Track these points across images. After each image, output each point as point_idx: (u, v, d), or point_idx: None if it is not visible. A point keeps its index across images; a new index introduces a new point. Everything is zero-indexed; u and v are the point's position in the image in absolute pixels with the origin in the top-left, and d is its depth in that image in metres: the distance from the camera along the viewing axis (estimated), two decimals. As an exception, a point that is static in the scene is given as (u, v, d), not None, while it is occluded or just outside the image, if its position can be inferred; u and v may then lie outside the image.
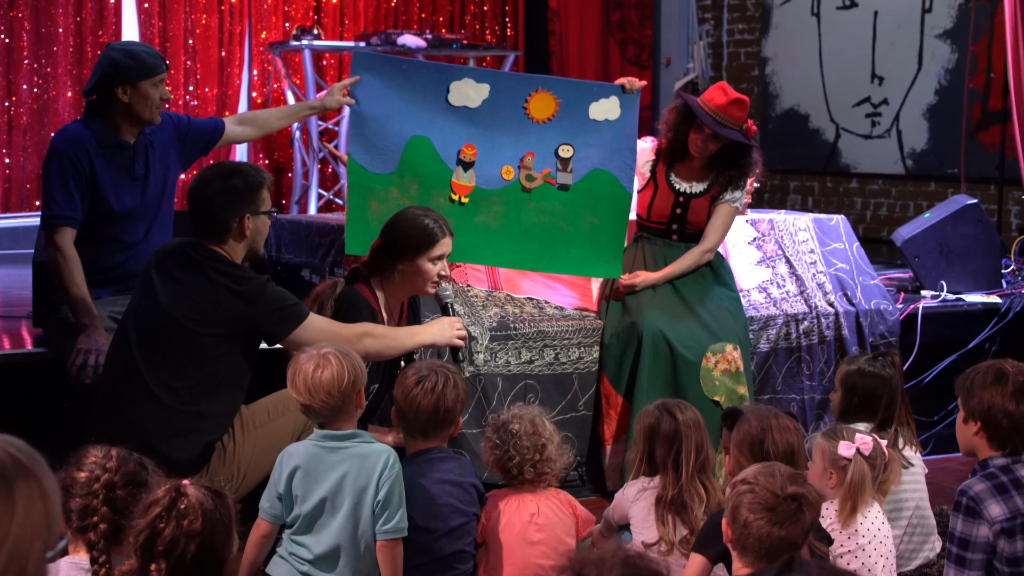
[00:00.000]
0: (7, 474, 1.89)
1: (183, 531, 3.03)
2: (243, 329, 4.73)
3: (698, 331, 6.06)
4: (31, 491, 1.90)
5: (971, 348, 7.18)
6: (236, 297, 4.69)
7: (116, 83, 5.47)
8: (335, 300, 5.15)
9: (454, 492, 4.61)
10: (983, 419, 4.25)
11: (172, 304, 4.70)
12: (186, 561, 3.02)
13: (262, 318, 4.73)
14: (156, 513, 3.06)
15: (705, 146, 6.11)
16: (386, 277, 5.29)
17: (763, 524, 3.46)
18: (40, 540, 1.89)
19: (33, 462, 1.94)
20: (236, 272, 4.73)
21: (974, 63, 9.74)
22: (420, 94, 6.00)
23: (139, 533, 3.06)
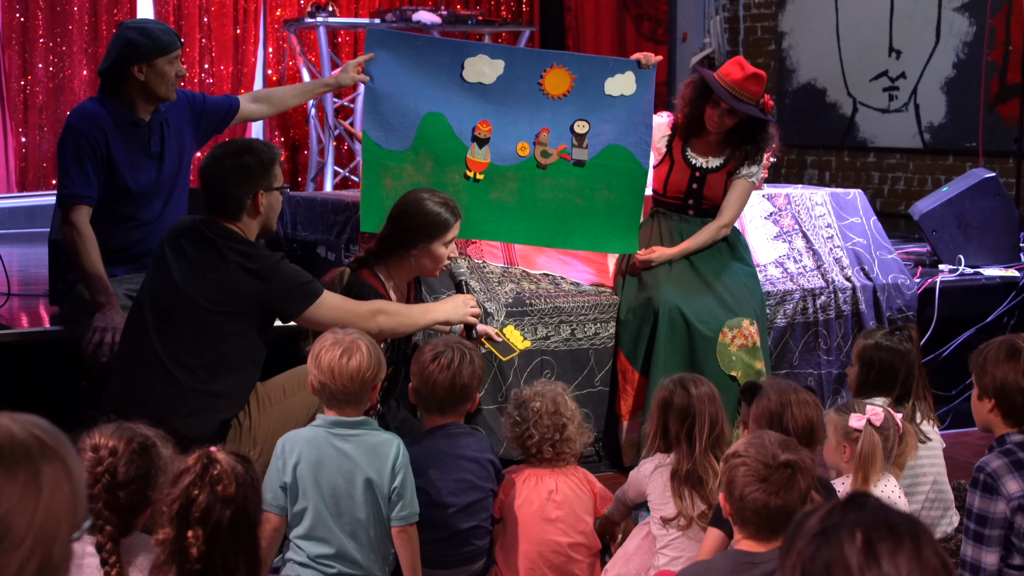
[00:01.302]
0: (32, 456, 1.88)
1: (218, 497, 3.04)
2: (257, 307, 4.73)
3: (715, 306, 6.07)
4: (57, 473, 1.89)
5: (989, 322, 7.18)
6: (250, 275, 4.69)
7: (131, 61, 5.48)
8: (342, 290, 5.15)
9: (471, 468, 4.63)
10: (997, 396, 4.25)
11: (186, 282, 4.70)
12: (222, 526, 3.03)
13: (276, 296, 4.73)
14: (189, 481, 3.06)
15: (721, 121, 6.11)
16: (395, 262, 5.30)
17: (758, 495, 3.47)
18: (66, 523, 1.89)
19: (58, 443, 1.94)
20: (250, 250, 4.73)
21: (992, 36, 9.71)
22: (434, 71, 6.00)
23: (172, 502, 3.07)
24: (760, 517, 3.47)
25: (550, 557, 4.62)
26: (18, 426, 1.90)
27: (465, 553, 4.60)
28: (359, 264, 5.31)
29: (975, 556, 4.19)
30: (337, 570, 4.32)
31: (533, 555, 4.62)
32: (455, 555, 4.55)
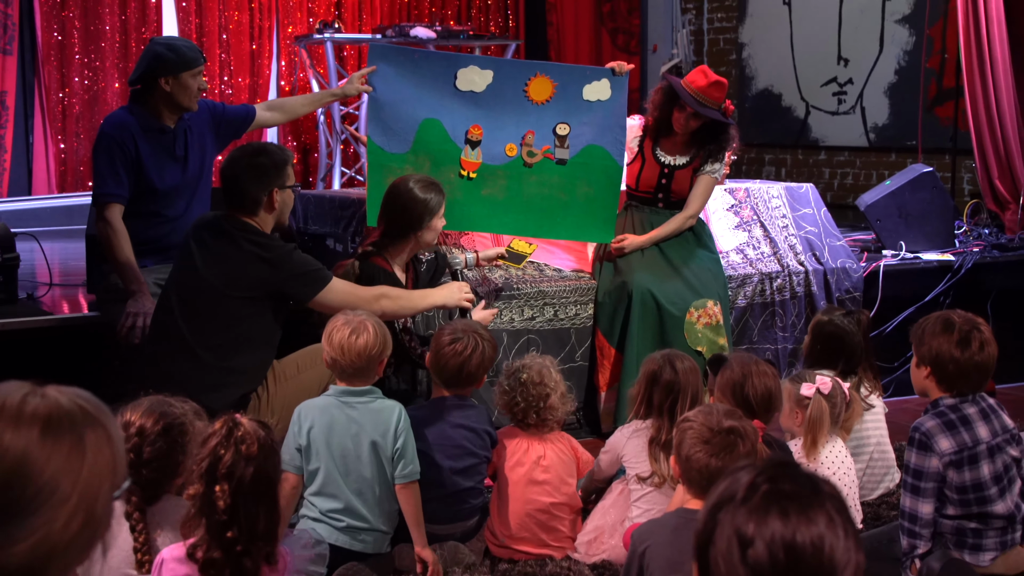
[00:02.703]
0: (77, 423, 1.89)
1: (241, 455, 3.09)
2: (272, 292, 4.75)
3: (682, 289, 6.09)
4: (99, 438, 1.90)
5: (927, 301, 7.18)
6: (265, 263, 4.71)
7: (159, 74, 5.49)
8: (356, 279, 5.18)
9: (468, 436, 4.67)
10: (932, 364, 4.28)
11: (208, 271, 4.72)
12: (245, 482, 3.08)
13: (289, 282, 4.75)
14: (216, 442, 3.12)
15: (687, 123, 6.13)
16: (400, 245, 5.33)
17: (702, 456, 3.49)
18: (107, 483, 1.90)
19: (99, 411, 1.95)
20: (265, 241, 4.75)
21: (930, 45, 9.71)
22: (430, 81, 6.02)
23: (201, 461, 3.12)
24: (703, 476, 3.49)
25: (536, 515, 4.65)
26: (64, 397, 1.92)
27: (462, 510, 4.64)
28: (368, 255, 5.33)
29: (912, 507, 4.23)
30: (346, 523, 4.36)
31: (521, 513, 4.66)
32: (453, 512, 4.59)
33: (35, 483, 1.82)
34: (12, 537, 1.79)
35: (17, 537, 1.79)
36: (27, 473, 1.82)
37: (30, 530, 1.80)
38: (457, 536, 4.61)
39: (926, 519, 4.22)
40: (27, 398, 1.88)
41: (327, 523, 4.36)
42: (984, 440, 4.23)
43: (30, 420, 1.85)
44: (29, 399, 1.88)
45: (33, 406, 1.87)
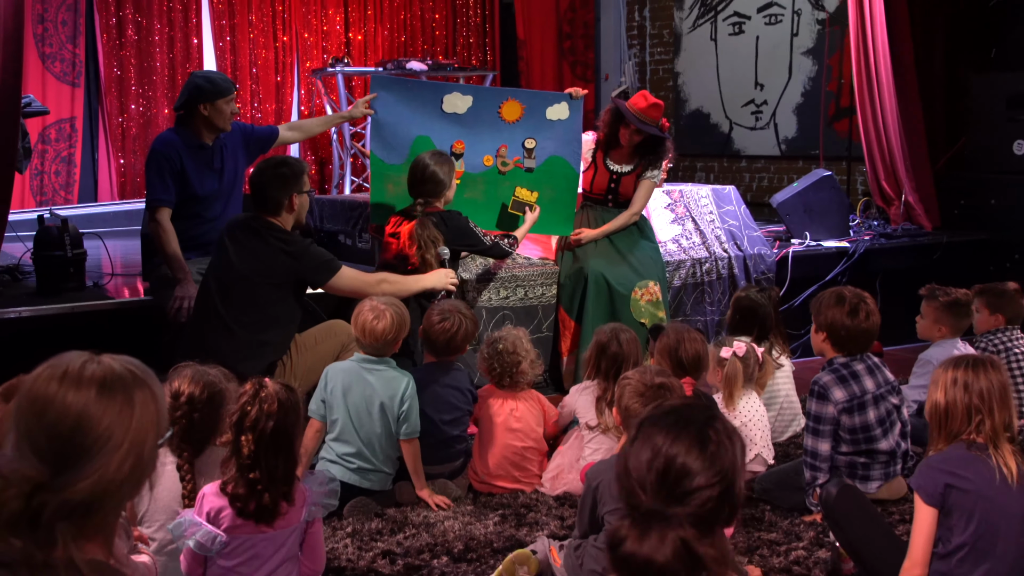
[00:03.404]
0: (127, 384, 1.91)
1: (263, 412, 3.10)
2: (293, 279, 4.77)
3: (628, 272, 6.09)
4: (145, 396, 1.92)
5: (827, 280, 7.22)
6: (289, 256, 4.73)
7: (199, 101, 5.48)
8: (430, 227, 5.28)
9: (454, 394, 4.69)
10: (828, 331, 4.33)
11: (240, 263, 4.73)
12: (266, 434, 3.09)
13: (308, 270, 4.78)
14: (244, 400, 3.14)
15: (631, 138, 6.13)
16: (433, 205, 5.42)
17: (637, 407, 3.53)
18: (152, 432, 1.92)
19: (146, 374, 1.96)
20: (288, 237, 4.77)
21: (829, 73, 9.73)
22: (421, 105, 6.01)
23: (232, 415, 3.14)
24: None
25: (510, 457, 4.68)
26: (117, 363, 1.93)
27: (449, 454, 4.66)
28: (423, 217, 5.38)
29: (813, 446, 4.27)
30: (356, 465, 4.39)
31: (499, 456, 4.68)
32: (442, 455, 4.61)
33: (93, 433, 1.83)
34: (77, 477, 1.81)
35: (80, 476, 1.81)
36: (86, 425, 1.83)
37: (91, 470, 1.82)
38: (446, 475, 4.62)
39: (824, 455, 4.28)
40: (86, 364, 1.89)
41: (341, 464, 4.39)
42: (870, 391, 4.28)
43: (88, 382, 1.86)
44: (88, 365, 1.89)
45: (91, 371, 1.88)
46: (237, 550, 3.11)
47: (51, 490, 1.78)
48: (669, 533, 1.93)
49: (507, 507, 4.46)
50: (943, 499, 3.15)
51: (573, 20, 11.94)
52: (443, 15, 11.44)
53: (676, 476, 2.01)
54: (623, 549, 1.95)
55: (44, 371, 1.88)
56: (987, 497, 3.11)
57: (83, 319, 5.45)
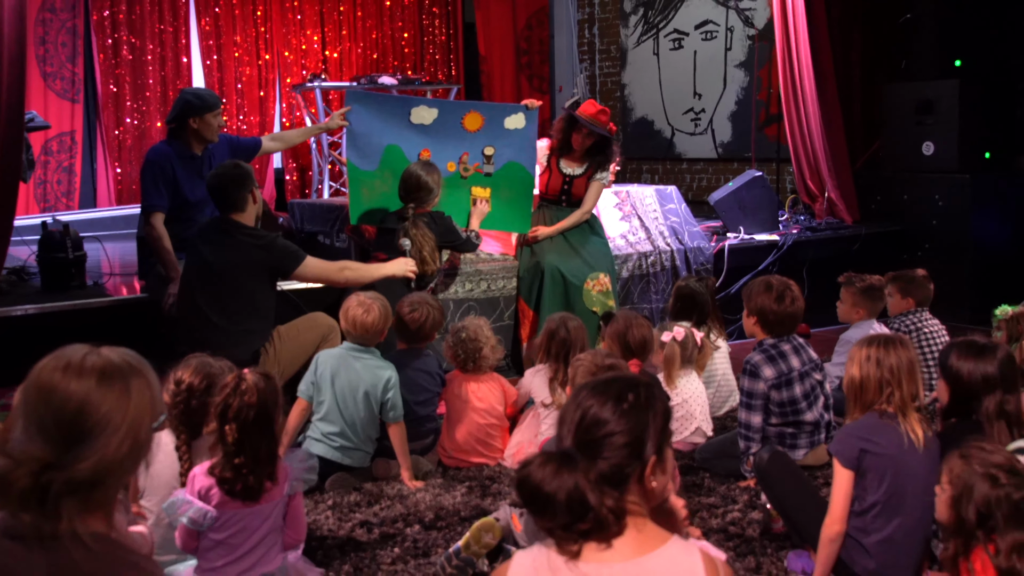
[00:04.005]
0: (125, 373, 1.91)
1: (244, 403, 3.09)
2: (266, 269, 4.78)
3: (581, 265, 6.12)
4: (141, 384, 1.93)
5: (760, 270, 7.25)
6: (259, 249, 4.74)
7: (189, 115, 5.47)
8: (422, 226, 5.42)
9: (425, 377, 4.71)
10: (757, 315, 4.37)
11: (217, 261, 4.73)
12: (249, 423, 3.08)
13: (278, 260, 4.79)
14: (227, 392, 3.12)
15: (583, 141, 6.16)
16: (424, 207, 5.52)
17: None
18: (148, 416, 1.93)
19: (141, 364, 1.97)
20: (256, 232, 4.80)
21: (759, 83, 9.81)
22: (391, 117, 6.01)
23: (216, 406, 3.13)
24: None
25: (475, 434, 4.70)
26: (115, 354, 1.94)
27: (420, 432, 4.68)
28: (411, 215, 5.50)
29: (746, 419, 4.32)
30: (339, 444, 4.39)
31: (465, 432, 4.70)
32: (415, 431, 4.62)
33: (94, 417, 1.84)
34: (79, 456, 1.82)
35: (83, 456, 1.82)
36: (88, 411, 1.84)
37: (92, 451, 1.83)
38: (417, 451, 4.64)
39: (757, 427, 4.32)
40: (87, 356, 1.91)
41: (325, 443, 4.39)
42: (796, 368, 4.33)
43: (89, 372, 1.88)
44: (88, 356, 1.90)
45: (91, 361, 1.90)
46: (227, 524, 3.11)
47: (57, 469, 1.79)
48: (570, 473, 1.95)
49: (473, 479, 4.49)
50: (858, 462, 3.21)
51: (530, 38, 11.95)
52: (412, 34, 11.42)
53: (589, 424, 2.04)
54: (524, 471, 1.98)
55: (49, 362, 1.89)
56: (897, 460, 3.17)
57: (84, 315, 5.42)
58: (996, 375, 3.29)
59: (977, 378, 3.30)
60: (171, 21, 9.91)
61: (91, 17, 9.49)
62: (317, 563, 3.54)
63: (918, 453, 3.18)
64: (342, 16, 10.94)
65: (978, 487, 2.64)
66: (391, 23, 11.26)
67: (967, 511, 2.65)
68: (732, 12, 10.15)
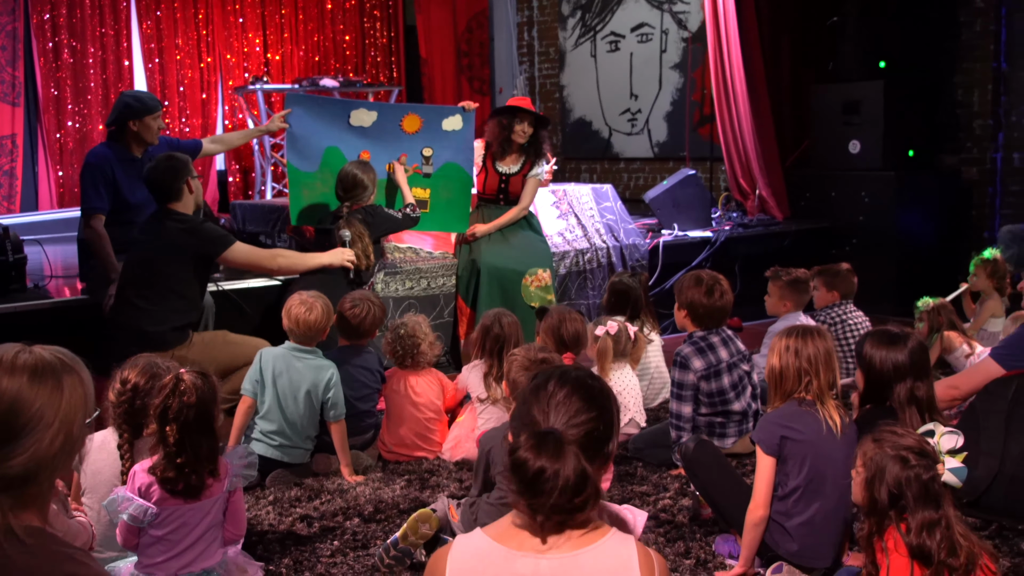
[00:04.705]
0: (57, 371, 1.92)
1: (184, 403, 3.09)
2: (191, 252, 4.77)
3: (518, 262, 6.15)
4: (73, 381, 1.93)
5: (694, 266, 7.33)
6: (185, 233, 4.73)
7: (128, 118, 5.43)
8: (356, 223, 5.40)
9: (365, 374, 4.72)
10: (688, 308, 4.44)
11: (146, 247, 4.75)
12: (190, 421, 3.08)
13: (204, 244, 4.78)
14: (166, 393, 3.12)
15: (524, 128, 6.21)
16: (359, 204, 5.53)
17: (523, 379, 3.58)
18: (80, 412, 1.93)
19: (74, 362, 1.97)
20: (184, 216, 4.79)
21: (693, 84, 9.91)
22: (330, 119, 6.02)
23: (156, 408, 3.12)
24: None
25: (415, 428, 4.73)
26: (47, 352, 1.94)
27: (360, 427, 4.70)
28: (345, 214, 5.49)
29: (677, 409, 4.39)
30: (278, 442, 4.40)
31: (404, 427, 4.72)
32: (355, 427, 4.64)
33: (26, 414, 1.85)
34: (12, 453, 1.83)
35: (15, 452, 1.83)
36: (20, 408, 1.85)
37: (24, 447, 1.84)
38: (358, 446, 4.66)
39: (687, 417, 4.40)
40: (19, 354, 1.91)
41: (264, 442, 4.40)
42: (724, 360, 4.41)
43: (21, 369, 1.88)
44: (20, 354, 1.91)
45: (23, 359, 1.90)
46: (167, 520, 3.11)
47: (-10, 465, 1.80)
48: (571, 453, 1.99)
49: (412, 473, 4.52)
50: (780, 449, 3.29)
51: (470, 40, 11.98)
52: (353, 37, 11.40)
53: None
54: (524, 452, 1.99)
55: (-19, 362, 1.89)
56: (816, 445, 3.26)
57: (25, 317, 5.35)
58: (907, 363, 3.39)
59: (889, 366, 3.40)
60: (112, 24, 9.81)
61: (31, 20, 9.38)
62: (257, 557, 3.55)
63: (836, 439, 3.27)
64: (283, 19, 10.90)
65: (890, 469, 2.72)
66: (332, 26, 11.24)
67: (880, 492, 2.73)
68: (667, 15, 10.25)
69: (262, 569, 3.46)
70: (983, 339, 5.82)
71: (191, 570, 3.15)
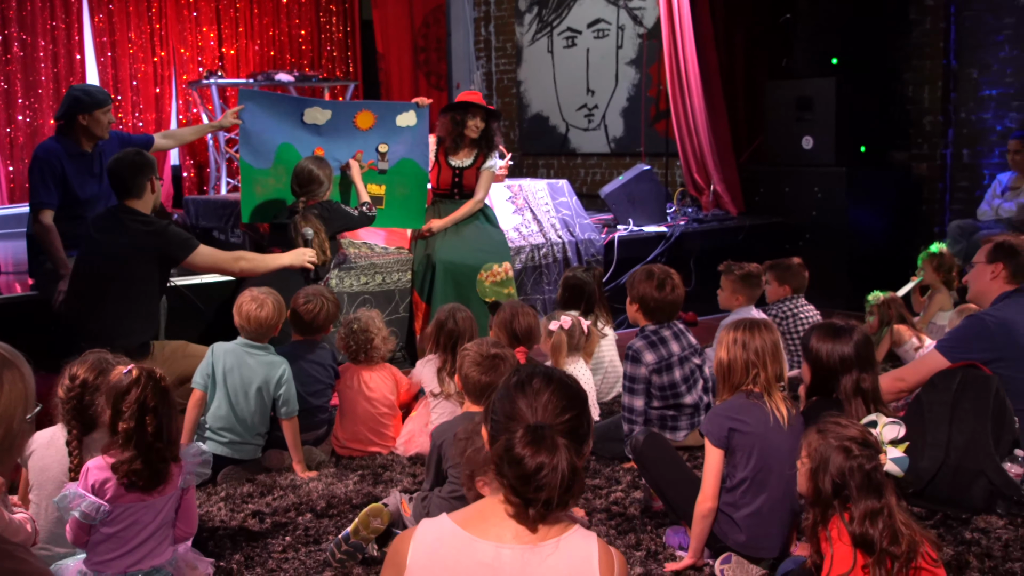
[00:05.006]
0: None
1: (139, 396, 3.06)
2: (156, 256, 4.70)
3: (474, 257, 6.16)
4: (13, 376, 1.92)
5: (649, 260, 7.35)
6: (151, 236, 4.66)
7: (77, 112, 5.37)
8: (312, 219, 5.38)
9: (318, 369, 4.71)
10: (639, 302, 4.47)
11: (108, 248, 4.65)
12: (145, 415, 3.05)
13: (169, 247, 4.71)
14: (121, 388, 3.08)
15: (476, 123, 6.21)
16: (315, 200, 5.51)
17: (475, 374, 3.60)
18: (20, 407, 1.92)
19: (15, 356, 1.96)
20: (148, 219, 4.72)
21: (649, 80, 9.98)
22: (284, 116, 5.99)
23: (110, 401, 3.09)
24: (477, 388, 3.60)
25: (368, 423, 4.73)
26: (-14, 348, 1.94)
27: (313, 423, 4.68)
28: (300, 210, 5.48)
29: (629, 402, 4.42)
30: (228, 439, 4.38)
31: (357, 422, 4.72)
32: (307, 423, 4.62)
33: (-36, 409, 1.84)
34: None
35: None
36: (-43, 402, 1.84)
37: None
38: (311, 441, 4.65)
39: (639, 410, 4.42)
40: (-43, 349, 1.90)
41: (214, 439, 4.37)
42: (676, 353, 4.45)
43: (-41, 365, 1.87)
44: (-41, 350, 1.90)
45: (-39, 355, 1.89)
46: (119, 517, 3.09)
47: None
48: (562, 448, 2.02)
49: (366, 468, 4.52)
50: (728, 441, 3.33)
51: (427, 35, 11.96)
52: (309, 31, 11.33)
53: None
54: (520, 450, 2.01)
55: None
56: (763, 437, 3.30)
57: (-25, 314, 5.31)
58: (852, 355, 3.44)
59: (835, 358, 3.45)
60: (63, 17, 9.68)
61: (-21, 14, 9.24)
62: (208, 554, 3.53)
63: (783, 430, 3.31)
64: (238, 13, 10.81)
65: (833, 459, 2.76)
66: (288, 20, 11.16)
67: (823, 482, 2.77)
68: (623, 11, 10.30)
69: (212, 565, 3.44)
70: (932, 332, 5.91)
71: (140, 568, 3.13)
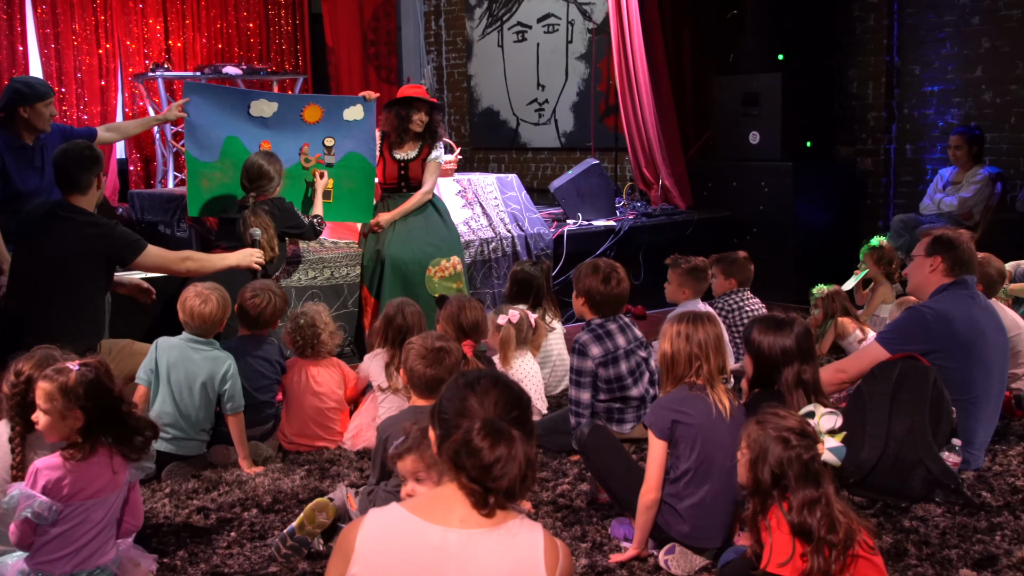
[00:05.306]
0: None
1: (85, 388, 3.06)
2: (103, 257, 4.61)
3: (422, 252, 6.14)
4: None
5: (598, 254, 7.35)
6: (98, 237, 4.57)
7: (18, 104, 5.30)
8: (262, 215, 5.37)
9: (264, 365, 4.70)
10: (585, 296, 4.50)
11: (51, 248, 4.54)
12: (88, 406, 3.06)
13: (116, 250, 4.62)
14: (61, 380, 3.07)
15: (421, 116, 6.18)
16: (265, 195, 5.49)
17: (420, 367, 3.60)
18: None
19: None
20: (95, 219, 4.63)
21: (598, 75, 10.01)
22: (230, 109, 5.96)
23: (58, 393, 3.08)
24: (423, 382, 3.60)
25: (315, 417, 4.73)
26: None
27: (260, 418, 4.67)
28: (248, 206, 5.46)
29: (576, 396, 4.45)
30: (172, 435, 4.35)
31: (304, 417, 4.72)
32: (254, 418, 4.61)
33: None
34: None
35: None
36: None
37: None
38: (257, 437, 4.64)
39: (586, 403, 4.45)
40: None
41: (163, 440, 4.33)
42: (622, 346, 4.48)
43: None
44: None
45: None
46: (69, 516, 3.07)
47: None
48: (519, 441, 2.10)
49: (313, 463, 4.51)
50: (671, 433, 3.37)
51: (377, 29, 11.91)
52: (257, 24, 11.23)
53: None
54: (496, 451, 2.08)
55: None
56: (706, 429, 3.34)
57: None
58: (793, 347, 3.50)
59: (777, 351, 3.50)
60: (5, 8, 9.51)
61: (-83, 3, 9.06)
62: (151, 550, 3.52)
63: (725, 422, 3.35)
64: (185, 5, 10.69)
65: (772, 449, 2.81)
66: (236, 13, 11.05)
67: (763, 472, 2.81)
68: (572, 6, 10.33)
69: (156, 561, 3.43)
70: (875, 324, 6.01)
71: (85, 568, 3.11)
